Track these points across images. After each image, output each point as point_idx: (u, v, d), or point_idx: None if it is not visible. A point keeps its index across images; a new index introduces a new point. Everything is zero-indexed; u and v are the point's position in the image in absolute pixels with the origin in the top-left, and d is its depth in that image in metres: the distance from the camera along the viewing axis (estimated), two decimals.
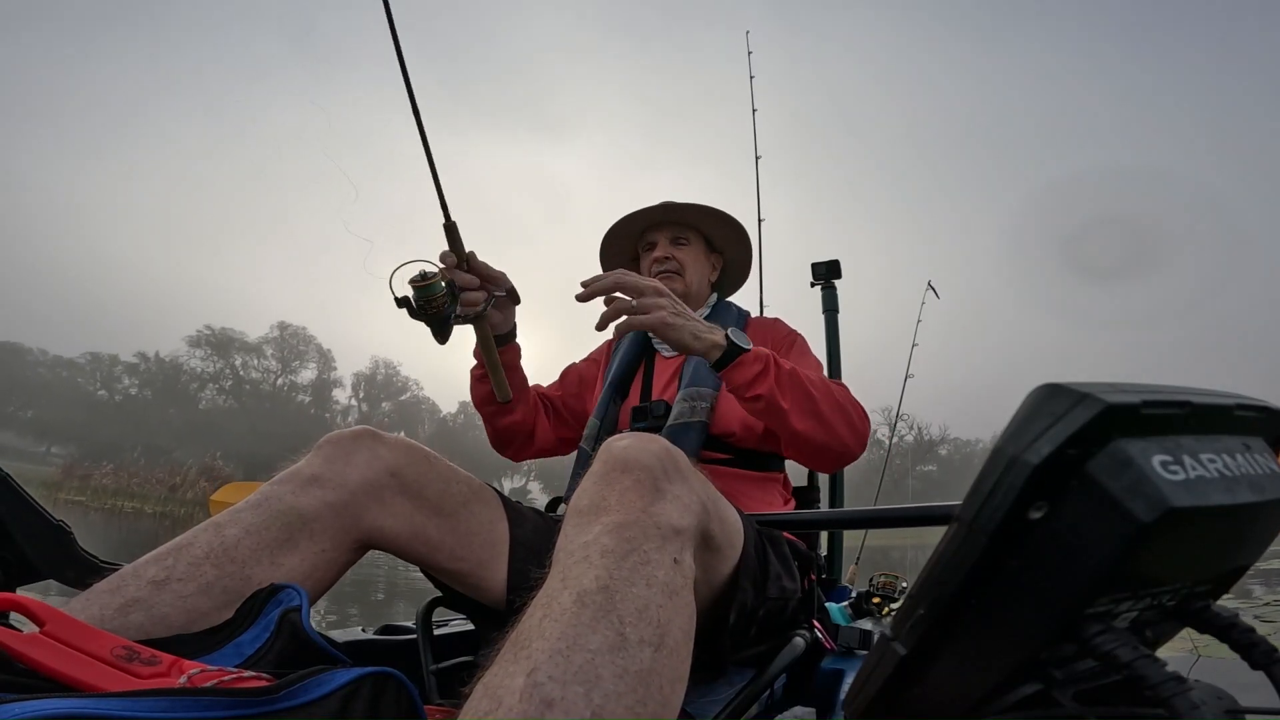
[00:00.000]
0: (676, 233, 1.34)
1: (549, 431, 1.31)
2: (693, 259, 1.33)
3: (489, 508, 0.85)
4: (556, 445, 1.34)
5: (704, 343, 0.93)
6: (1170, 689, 0.30)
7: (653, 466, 0.59)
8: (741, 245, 1.39)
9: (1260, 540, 0.38)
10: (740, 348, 0.94)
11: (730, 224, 1.35)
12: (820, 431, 0.98)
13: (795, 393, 0.96)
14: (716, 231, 1.37)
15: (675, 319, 0.92)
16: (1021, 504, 0.30)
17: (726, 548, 0.70)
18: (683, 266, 1.31)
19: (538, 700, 0.41)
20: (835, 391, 1.02)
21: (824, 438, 0.98)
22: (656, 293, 0.92)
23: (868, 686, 0.38)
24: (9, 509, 0.82)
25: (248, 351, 54.87)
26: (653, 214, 1.34)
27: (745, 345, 0.95)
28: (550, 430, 1.31)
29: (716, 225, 1.36)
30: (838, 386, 1.05)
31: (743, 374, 0.94)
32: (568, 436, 1.35)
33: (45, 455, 44.11)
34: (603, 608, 0.47)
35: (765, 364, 0.95)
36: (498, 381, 1.15)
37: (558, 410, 1.34)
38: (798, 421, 0.96)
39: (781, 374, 0.96)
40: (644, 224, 1.36)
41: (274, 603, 0.60)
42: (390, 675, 0.51)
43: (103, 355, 52.81)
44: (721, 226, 1.35)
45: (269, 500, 0.70)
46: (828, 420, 0.98)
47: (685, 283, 1.30)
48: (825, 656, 0.96)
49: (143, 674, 0.47)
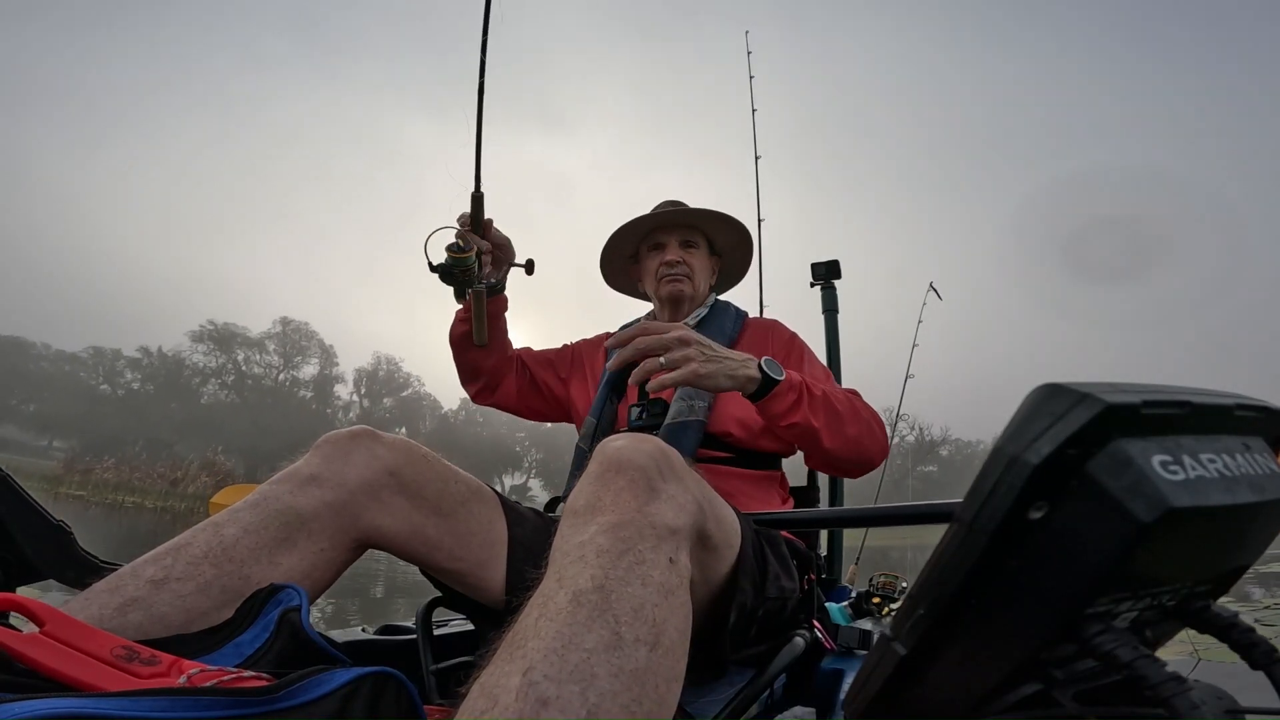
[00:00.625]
0: (686, 235, 1.35)
1: (513, 391, 1.36)
2: (700, 263, 1.34)
3: (487, 507, 0.85)
4: (519, 406, 1.39)
5: (739, 380, 0.93)
6: (1170, 689, 0.30)
7: (647, 467, 0.59)
8: (744, 249, 1.41)
9: (1260, 540, 0.38)
10: (774, 379, 0.95)
11: (737, 229, 1.37)
12: (850, 449, 1.01)
13: (827, 416, 0.99)
14: (720, 235, 1.39)
15: (706, 366, 0.90)
16: (1021, 504, 0.30)
17: (724, 547, 0.70)
18: (692, 270, 1.32)
19: (533, 699, 0.41)
20: (857, 406, 1.05)
21: (853, 454, 1.02)
22: (682, 344, 0.90)
23: (868, 686, 0.38)
24: (9, 509, 0.82)
25: (250, 347, 54.95)
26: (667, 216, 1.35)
27: (778, 376, 0.96)
28: (514, 391, 1.36)
29: (723, 230, 1.37)
30: (855, 397, 1.08)
31: (779, 405, 0.95)
32: (535, 406, 1.39)
33: (47, 449, 44.14)
34: (598, 607, 0.47)
35: (799, 393, 0.96)
36: (478, 328, 1.22)
37: (533, 376, 1.38)
38: (829, 441, 0.99)
39: (815, 400, 0.98)
40: (653, 223, 1.37)
41: (273, 602, 0.60)
42: (390, 675, 0.51)
43: (105, 350, 52.91)
44: (729, 232, 1.37)
45: (267, 500, 0.70)
46: (856, 437, 1.01)
47: (694, 286, 1.32)
48: (825, 656, 0.96)
49: (142, 674, 0.47)
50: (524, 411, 1.41)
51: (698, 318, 1.29)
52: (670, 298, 1.32)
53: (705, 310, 1.32)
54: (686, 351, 0.90)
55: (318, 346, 57.56)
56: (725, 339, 1.21)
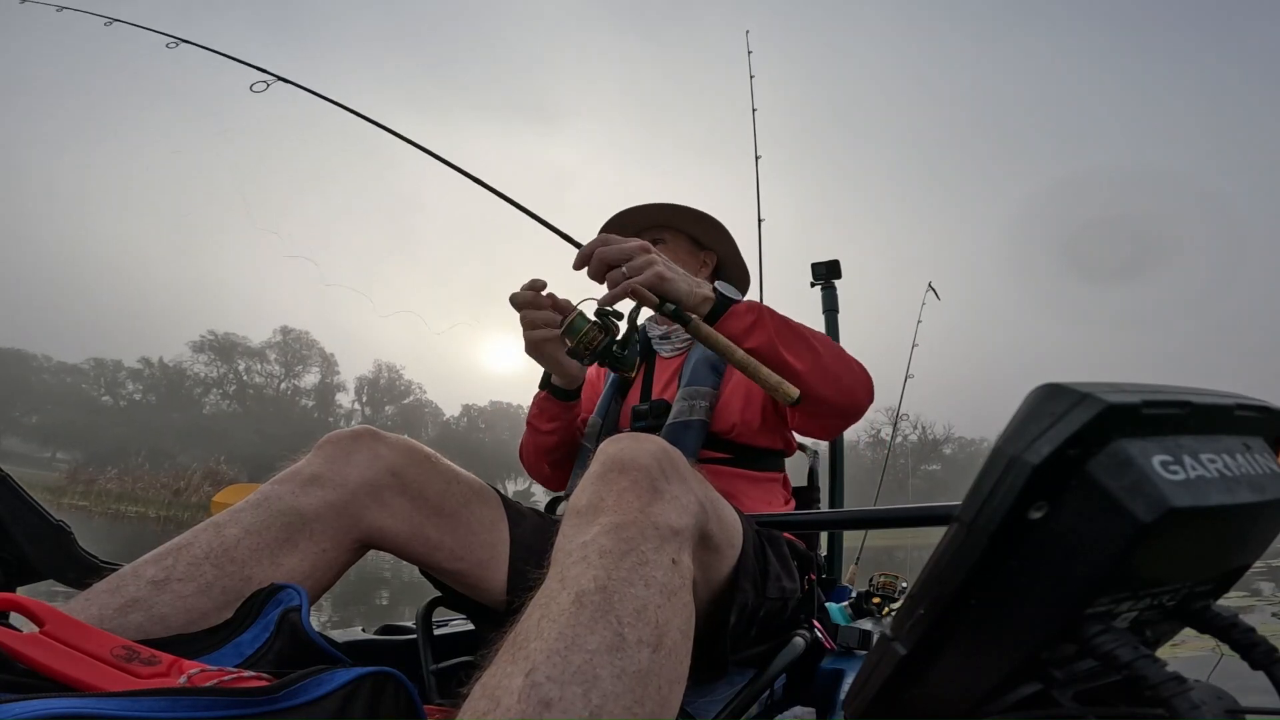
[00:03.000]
0: (652, 235, 1.31)
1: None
2: (671, 256, 1.31)
3: (489, 508, 0.85)
4: None
5: (696, 295, 0.92)
6: (1170, 689, 0.30)
7: (650, 467, 0.59)
8: (719, 235, 1.34)
9: (1260, 540, 0.38)
10: (729, 299, 0.93)
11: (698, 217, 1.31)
12: (828, 382, 0.95)
13: (794, 338, 0.94)
14: (693, 227, 1.34)
15: (669, 271, 0.90)
16: (1021, 504, 0.30)
17: (725, 548, 0.70)
18: None
19: (536, 700, 0.41)
20: (829, 341, 0.99)
21: (831, 388, 0.95)
22: (643, 249, 0.90)
23: (868, 686, 0.38)
24: (9, 509, 0.82)
25: (251, 356, 54.98)
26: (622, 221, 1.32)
27: (736, 297, 0.94)
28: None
29: (689, 222, 1.32)
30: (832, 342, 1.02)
31: (736, 324, 0.92)
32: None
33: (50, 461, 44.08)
34: (601, 608, 0.47)
35: (758, 314, 0.93)
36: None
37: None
38: (799, 364, 0.92)
39: (777, 320, 0.94)
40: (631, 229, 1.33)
41: (274, 602, 0.60)
42: (390, 675, 0.51)
43: (107, 361, 52.96)
44: (694, 223, 1.32)
45: (269, 500, 0.70)
46: (831, 369, 0.95)
47: None
48: (825, 656, 0.96)
49: (142, 674, 0.47)
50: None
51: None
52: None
53: None
54: (648, 256, 0.90)
55: (318, 355, 57.63)
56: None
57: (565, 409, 1.21)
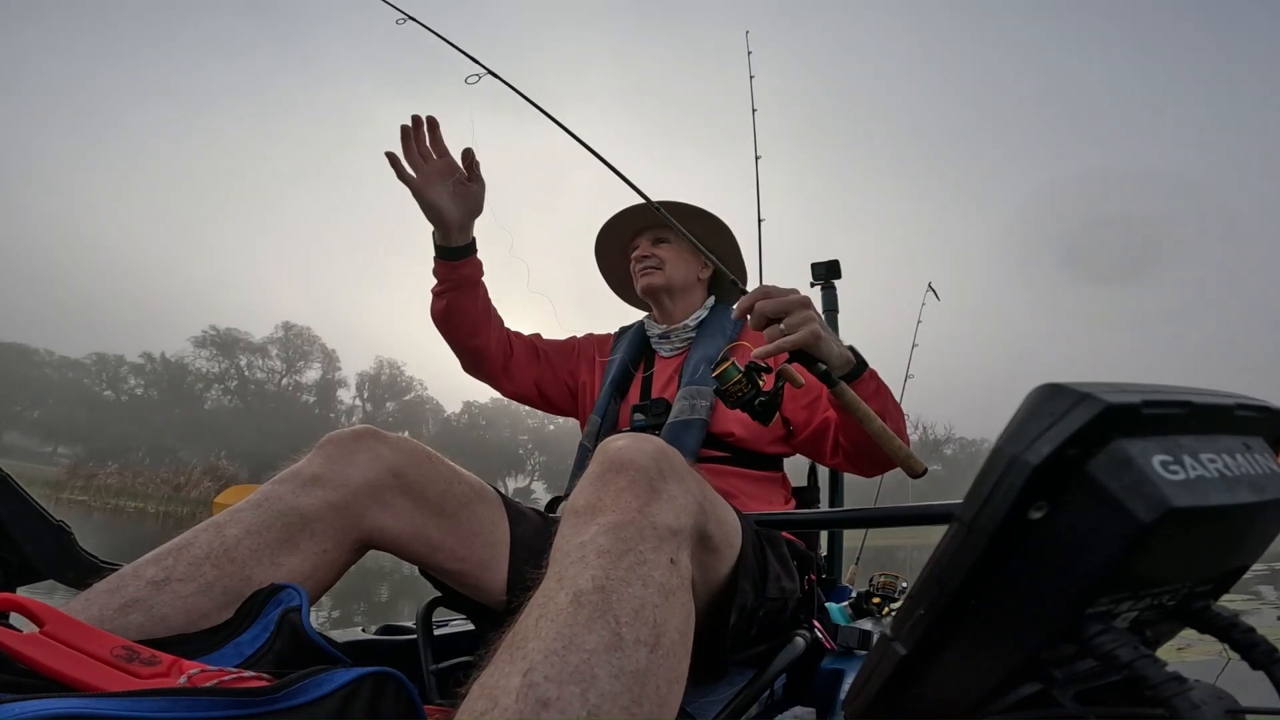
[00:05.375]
0: (657, 233, 1.35)
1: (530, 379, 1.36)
2: (674, 255, 1.33)
3: (490, 508, 0.85)
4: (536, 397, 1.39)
5: (841, 358, 0.92)
6: (1170, 689, 0.30)
7: (648, 467, 0.59)
8: (722, 235, 1.36)
9: (1260, 540, 0.38)
10: (866, 363, 0.95)
11: (702, 216, 1.32)
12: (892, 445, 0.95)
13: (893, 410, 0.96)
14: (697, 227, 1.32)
15: (824, 330, 0.89)
16: (1021, 504, 0.30)
17: (724, 548, 0.70)
18: (663, 262, 1.31)
19: (534, 700, 0.41)
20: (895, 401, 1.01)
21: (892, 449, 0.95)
22: (802, 305, 0.89)
23: (868, 686, 0.38)
24: (9, 509, 0.82)
25: (252, 352, 54.94)
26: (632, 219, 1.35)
27: (866, 360, 0.96)
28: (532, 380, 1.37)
29: (694, 221, 1.32)
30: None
31: (863, 388, 0.93)
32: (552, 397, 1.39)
33: (52, 455, 44.13)
34: (599, 608, 0.47)
35: (877, 380, 0.96)
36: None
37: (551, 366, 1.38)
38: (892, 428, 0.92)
39: (883, 385, 0.97)
40: (633, 228, 1.37)
41: (274, 603, 0.60)
42: (390, 675, 0.51)
43: (108, 356, 52.90)
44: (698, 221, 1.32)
45: (270, 500, 0.70)
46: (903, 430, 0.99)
47: (666, 276, 1.30)
48: (825, 656, 0.96)
49: (143, 674, 0.47)
50: (541, 402, 1.40)
51: (698, 319, 1.29)
52: (645, 291, 1.32)
53: (705, 312, 1.31)
54: (807, 314, 0.88)
55: (320, 351, 57.64)
56: (725, 339, 1.21)
57: (450, 269, 1.22)
